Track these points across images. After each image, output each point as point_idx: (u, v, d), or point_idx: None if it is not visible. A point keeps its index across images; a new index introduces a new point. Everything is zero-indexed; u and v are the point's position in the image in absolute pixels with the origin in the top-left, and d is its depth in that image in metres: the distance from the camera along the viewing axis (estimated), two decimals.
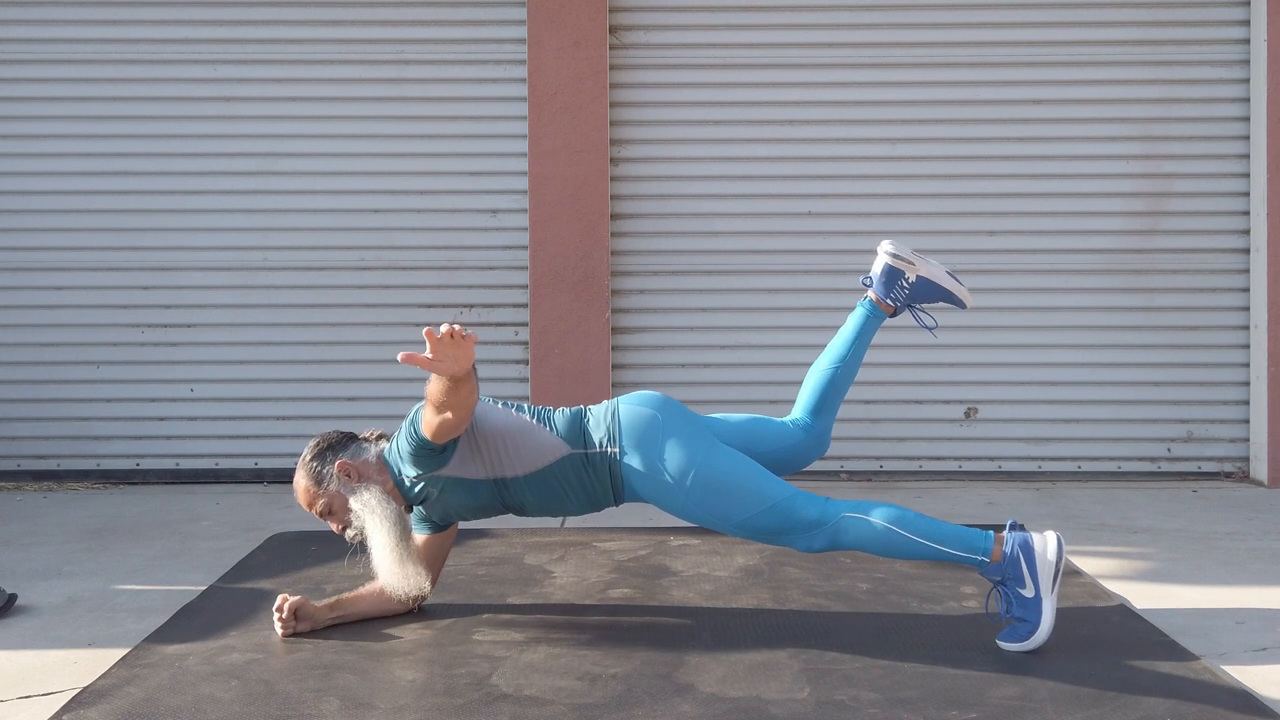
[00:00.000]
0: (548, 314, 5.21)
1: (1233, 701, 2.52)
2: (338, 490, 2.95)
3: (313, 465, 2.98)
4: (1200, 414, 5.30)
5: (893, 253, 3.21)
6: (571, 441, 2.96)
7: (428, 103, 5.32)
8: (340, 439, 3.03)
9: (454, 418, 2.75)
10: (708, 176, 5.34)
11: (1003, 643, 2.86)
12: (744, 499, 2.90)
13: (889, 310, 3.24)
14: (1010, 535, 2.87)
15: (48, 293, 5.32)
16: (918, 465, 5.32)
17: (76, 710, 2.52)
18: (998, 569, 2.85)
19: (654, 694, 2.58)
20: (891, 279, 3.22)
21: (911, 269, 3.21)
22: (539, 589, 3.43)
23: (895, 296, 3.23)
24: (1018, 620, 2.85)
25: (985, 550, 2.85)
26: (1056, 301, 5.30)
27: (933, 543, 2.85)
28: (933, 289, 3.24)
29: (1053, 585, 2.83)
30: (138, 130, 5.32)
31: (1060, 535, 2.89)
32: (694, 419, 3.03)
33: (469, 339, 2.59)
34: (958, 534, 2.88)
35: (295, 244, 5.33)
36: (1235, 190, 5.27)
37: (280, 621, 2.99)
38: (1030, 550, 2.84)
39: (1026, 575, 2.83)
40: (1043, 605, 2.82)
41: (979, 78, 5.30)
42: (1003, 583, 2.86)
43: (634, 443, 2.94)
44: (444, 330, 2.55)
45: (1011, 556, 2.84)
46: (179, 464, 5.33)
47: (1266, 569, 3.72)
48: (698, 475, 2.90)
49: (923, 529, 2.87)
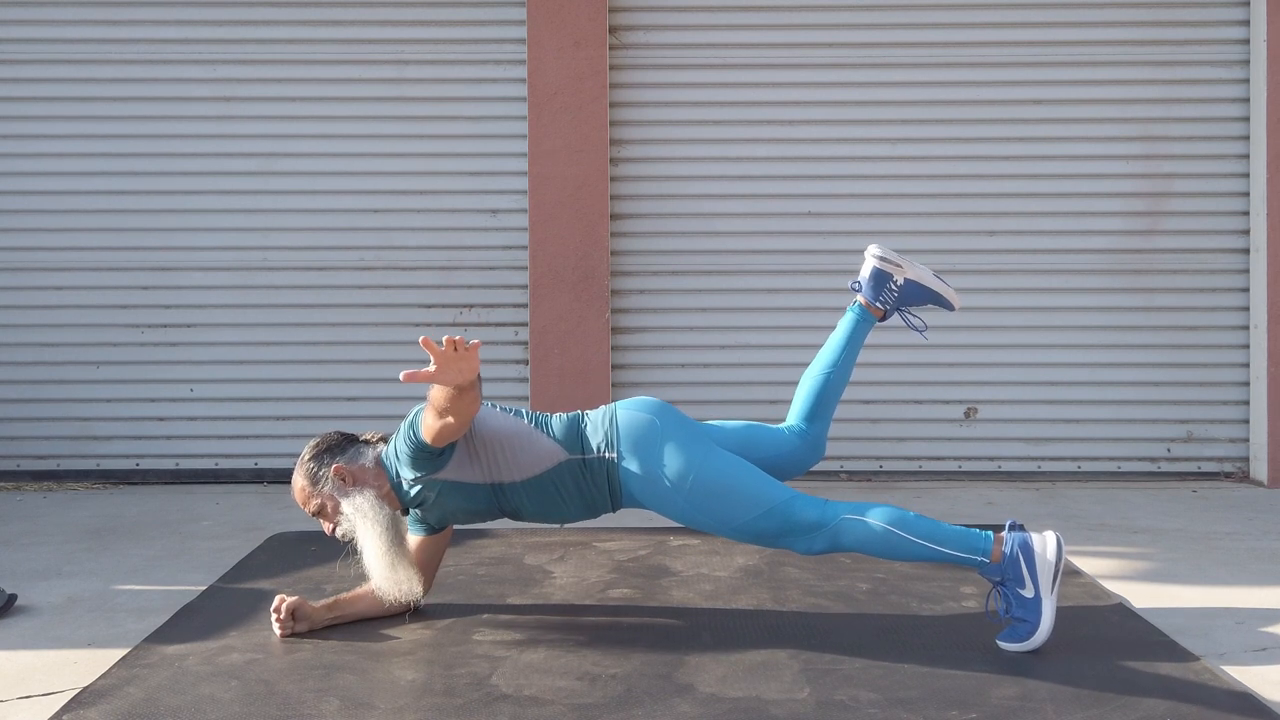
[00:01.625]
0: (548, 314, 5.21)
1: (1233, 702, 2.52)
2: (331, 493, 2.96)
3: (310, 466, 2.99)
4: (1200, 414, 5.30)
5: (880, 255, 3.22)
6: (569, 447, 2.97)
7: (428, 103, 5.32)
8: (339, 441, 3.04)
9: (455, 423, 2.75)
10: (708, 176, 5.34)
11: (1002, 643, 2.86)
12: (742, 503, 2.90)
13: (878, 314, 3.26)
14: (1010, 535, 2.87)
15: (48, 293, 5.32)
16: (917, 465, 5.32)
17: (76, 710, 2.52)
18: (997, 569, 2.85)
19: (654, 694, 2.58)
20: (880, 282, 3.24)
21: (899, 271, 3.23)
22: (539, 589, 3.43)
23: (884, 299, 3.24)
24: (1017, 620, 2.85)
25: (985, 551, 2.85)
26: (1056, 301, 5.30)
27: (932, 544, 2.86)
28: (921, 291, 3.26)
29: (1052, 585, 2.83)
30: (138, 130, 5.32)
31: (1059, 535, 2.89)
32: (691, 425, 3.03)
33: (473, 348, 2.59)
34: (957, 535, 2.88)
35: (295, 244, 5.33)
36: (1235, 190, 5.27)
37: (278, 622, 2.99)
38: (1030, 550, 2.84)
39: (1026, 575, 2.83)
40: (1042, 605, 2.83)
41: (979, 78, 5.30)
42: (1002, 583, 2.86)
43: (632, 448, 2.94)
44: (445, 342, 2.55)
45: (1011, 557, 2.84)
46: (179, 464, 5.33)
47: (1266, 569, 3.72)
48: (696, 479, 2.90)
49: (922, 530, 2.87)
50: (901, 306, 3.27)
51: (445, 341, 2.56)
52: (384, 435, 3.10)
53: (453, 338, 2.56)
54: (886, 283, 3.23)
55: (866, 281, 3.25)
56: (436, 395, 2.70)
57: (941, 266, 5.29)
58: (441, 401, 2.69)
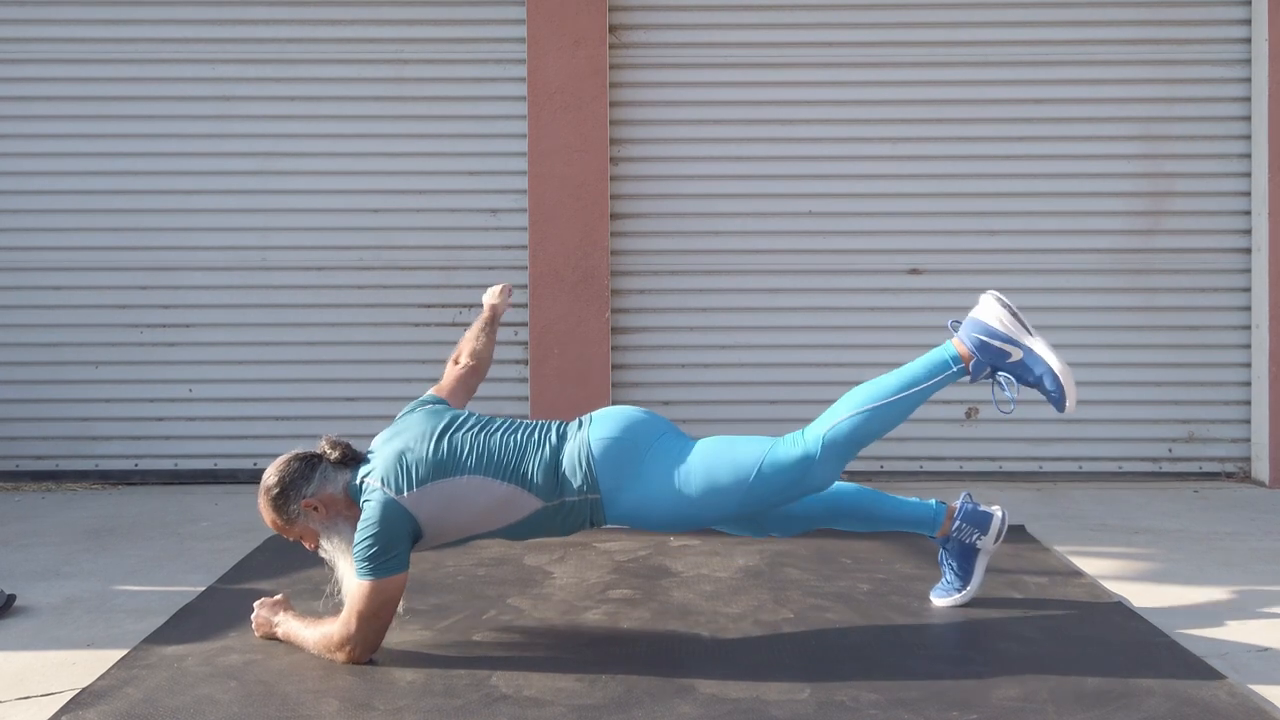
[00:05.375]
0: (548, 314, 5.20)
1: (1233, 702, 2.52)
2: (307, 524, 2.85)
3: (278, 503, 2.84)
4: (1201, 414, 5.29)
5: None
6: (548, 496, 2.85)
7: (428, 102, 5.32)
8: (301, 470, 2.86)
9: (379, 630, 2.81)
10: (708, 176, 5.33)
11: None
12: (733, 481, 2.83)
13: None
14: (963, 334, 2.99)
15: (47, 293, 5.32)
16: (918, 465, 5.31)
17: (75, 711, 2.52)
18: (981, 365, 2.95)
19: (654, 694, 2.57)
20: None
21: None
22: (539, 589, 3.43)
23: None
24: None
25: (954, 357, 2.98)
26: (1057, 301, 5.29)
27: (908, 389, 2.94)
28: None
29: (1028, 330, 2.94)
30: (137, 130, 5.31)
31: (997, 294, 3.00)
32: (658, 433, 2.91)
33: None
34: (920, 367, 2.97)
35: (294, 244, 5.33)
36: (1236, 190, 5.26)
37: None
38: (984, 325, 2.96)
39: (1002, 345, 2.95)
40: (1040, 352, 2.93)
41: (979, 77, 5.30)
42: (994, 373, 2.96)
43: (613, 484, 2.84)
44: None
45: (976, 344, 2.96)
46: (178, 464, 5.32)
47: (1268, 569, 3.71)
48: (685, 481, 2.83)
49: (891, 387, 2.94)
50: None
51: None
52: (340, 442, 2.92)
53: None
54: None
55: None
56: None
57: (942, 266, 5.31)
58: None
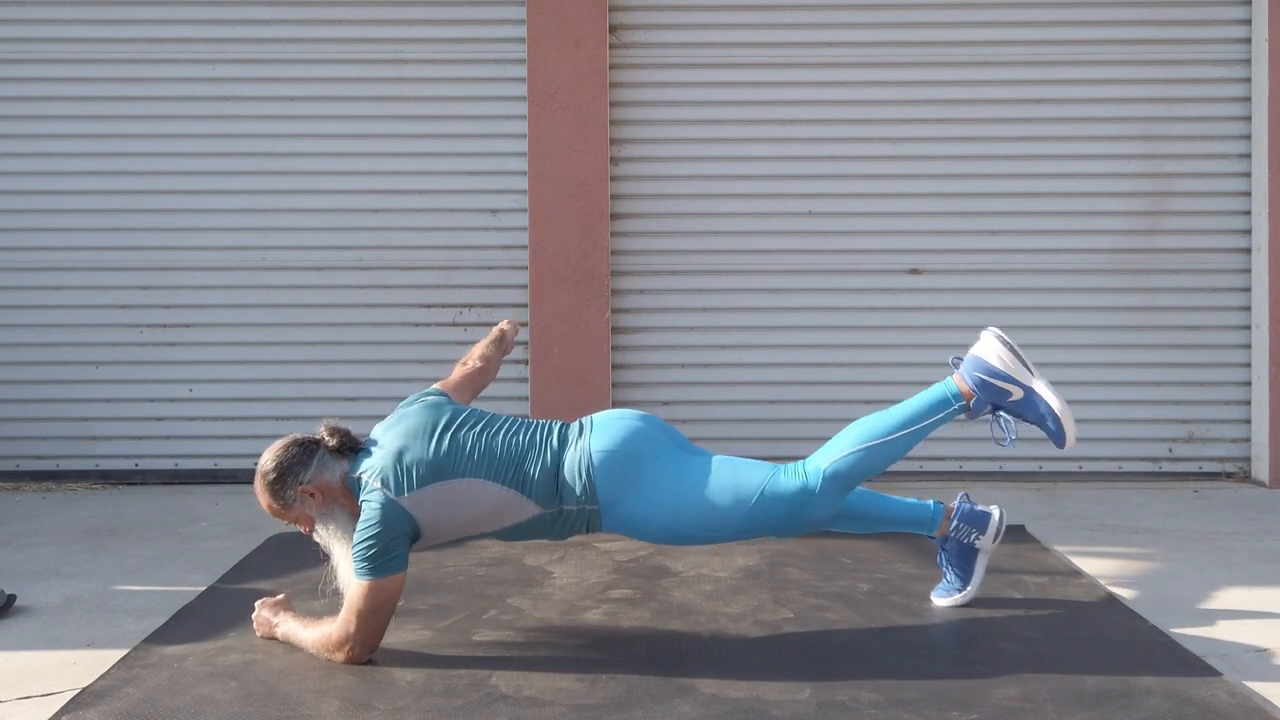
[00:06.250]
0: (548, 314, 5.20)
1: (1233, 701, 2.52)
2: (303, 510, 2.86)
3: (274, 488, 2.84)
4: (1201, 414, 5.29)
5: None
6: (547, 504, 2.86)
7: (428, 102, 5.32)
8: (299, 455, 2.86)
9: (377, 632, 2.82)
10: (708, 176, 5.33)
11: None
12: (731, 504, 2.84)
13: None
14: (964, 372, 2.97)
15: (47, 293, 5.32)
16: (918, 465, 5.31)
17: (75, 711, 2.51)
18: (982, 403, 2.94)
19: (654, 694, 2.57)
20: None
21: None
22: (539, 589, 3.42)
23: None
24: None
25: (955, 394, 2.95)
26: (1057, 301, 5.29)
27: (908, 426, 2.90)
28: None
29: (1029, 369, 2.96)
30: (137, 130, 5.31)
31: (998, 332, 3.00)
32: (659, 444, 2.91)
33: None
34: (921, 403, 2.93)
35: (294, 244, 5.32)
36: (1236, 190, 5.26)
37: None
38: (984, 364, 2.95)
39: (1001, 384, 2.95)
40: (1040, 392, 2.95)
41: (979, 77, 5.29)
42: (995, 410, 2.96)
43: (611, 495, 2.84)
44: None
45: (977, 383, 2.94)
46: (178, 464, 5.32)
47: (1267, 569, 3.71)
48: (683, 499, 2.83)
49: (892, 424, 2.90)
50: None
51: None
52: (338, 427, 2.93)
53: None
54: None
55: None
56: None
57: (942, 266, 5.31)
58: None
